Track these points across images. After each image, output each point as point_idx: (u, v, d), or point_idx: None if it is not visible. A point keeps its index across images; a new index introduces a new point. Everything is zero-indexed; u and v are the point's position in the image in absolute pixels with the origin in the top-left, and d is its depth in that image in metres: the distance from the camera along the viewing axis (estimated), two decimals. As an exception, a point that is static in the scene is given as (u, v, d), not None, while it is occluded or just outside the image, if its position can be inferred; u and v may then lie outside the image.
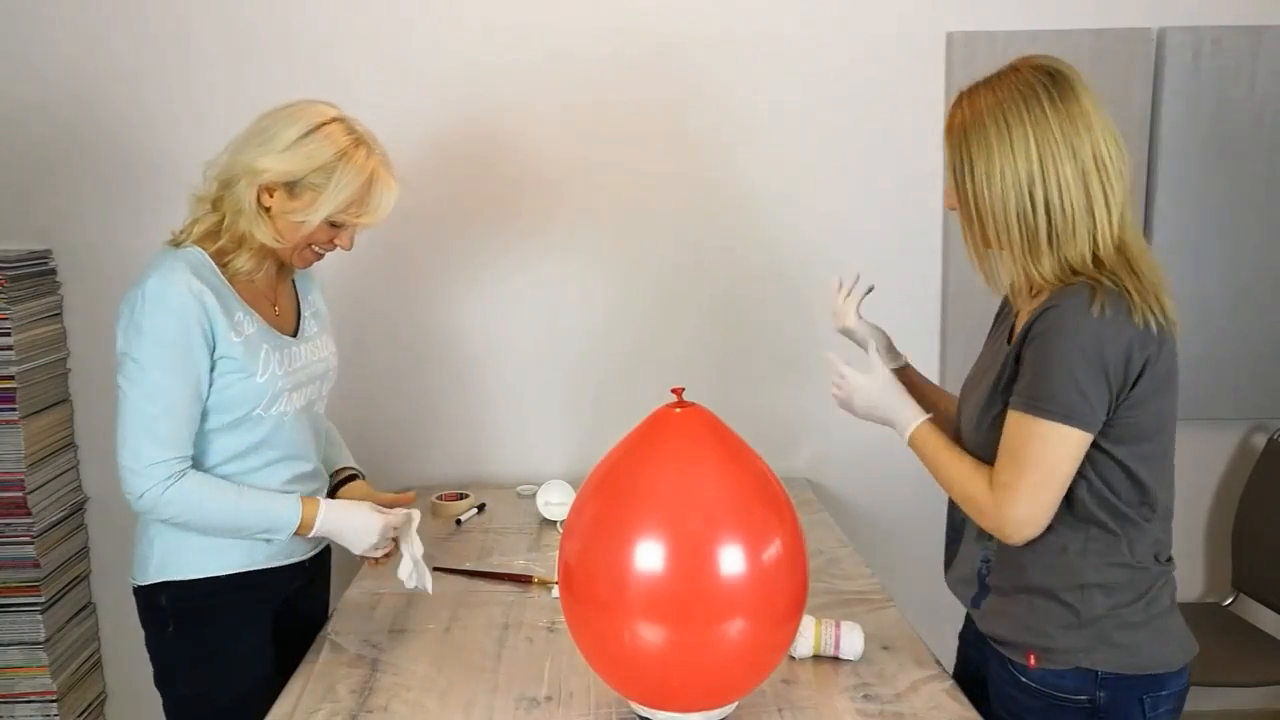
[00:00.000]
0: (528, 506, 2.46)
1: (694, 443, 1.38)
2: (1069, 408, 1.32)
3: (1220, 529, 2.75)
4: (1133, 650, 1.40)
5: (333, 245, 1.72)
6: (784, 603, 1.37)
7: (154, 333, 1.57)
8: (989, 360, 1.55)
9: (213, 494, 1.63)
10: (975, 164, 1.37)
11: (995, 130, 1.36)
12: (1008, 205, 1.36)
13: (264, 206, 1.63)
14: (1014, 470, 1.36)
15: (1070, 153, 1.34)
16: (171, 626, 1.70)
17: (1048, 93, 1.35)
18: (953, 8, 2.54)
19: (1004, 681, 1.49)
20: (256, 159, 1.60)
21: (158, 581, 1.69)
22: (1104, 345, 1.32)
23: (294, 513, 1.67)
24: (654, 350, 2.64)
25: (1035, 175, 1.34)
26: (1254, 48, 2.54)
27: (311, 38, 2.49)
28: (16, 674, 2.44)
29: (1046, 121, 1.34)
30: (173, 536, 1.68)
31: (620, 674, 1.40)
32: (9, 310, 2.34)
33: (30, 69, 2.47)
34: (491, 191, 2.58)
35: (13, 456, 2.37)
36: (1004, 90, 1.37)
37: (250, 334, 1.66)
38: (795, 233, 2.61)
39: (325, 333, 1.88)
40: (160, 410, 1.58)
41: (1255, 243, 2.61)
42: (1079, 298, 1.33)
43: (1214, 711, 2.76)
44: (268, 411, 1.68)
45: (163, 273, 1.60)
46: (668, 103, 2.55)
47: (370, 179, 1.66)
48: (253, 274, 1.68)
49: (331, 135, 1.62)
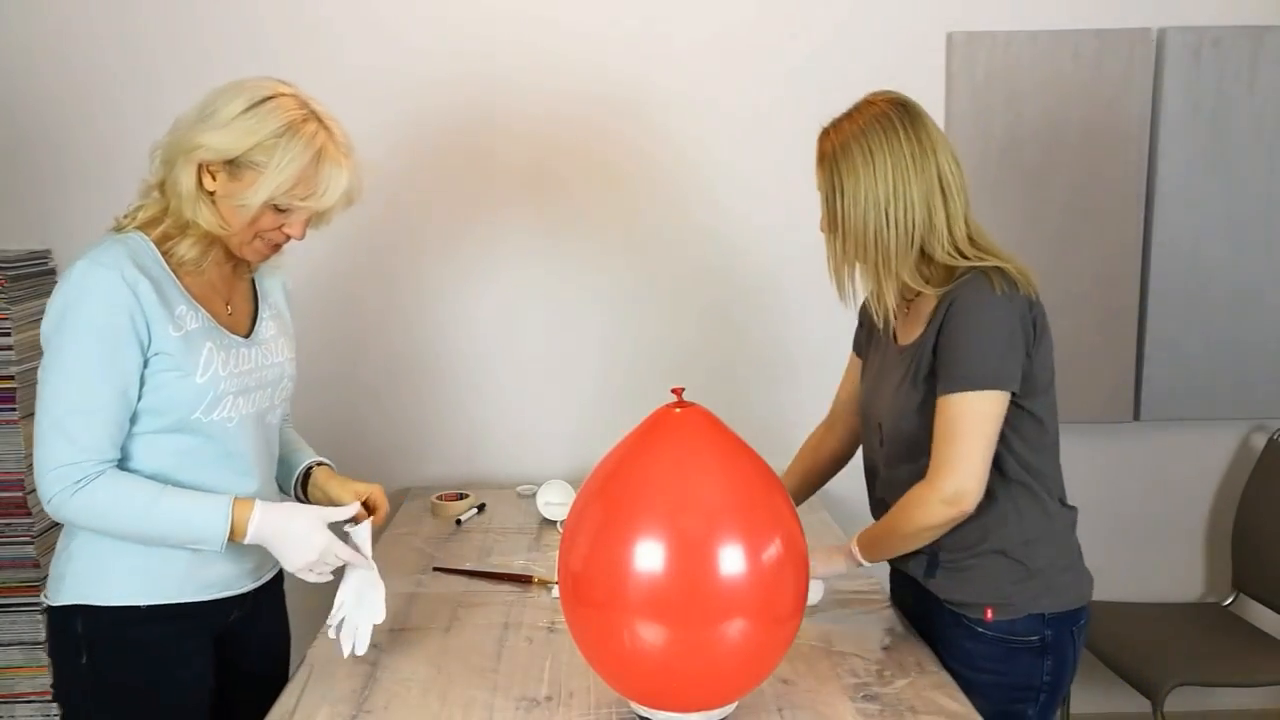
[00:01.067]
0: (528, 506, 2.46)
1: (694, 443, 1.38)
2: (992, 374, 1.49)
3: (1220, 529, 2.75)
4: (1067, 590, 1.61)
5: (283, 235, 1.53)
6: (784, 603, 1.37)
7: (77, 321, 1.42)
8: (884, 362, 1.69)
9: (126, 498, 1.44)
10: (845, 187, 1.54)
11: (861, 157, 1.53)
12: (867, 223, 1.53)
13: (206, 190, 1.47)
14: (952, 446, 1.50)
15: (918, 174, 1.52)
16: (84, 658, 1.50)
17: (900, 121, 1.54)
18: (953, 8, 2.54)
19: (959, 636, 1.63)
20: (194, 135, 1.45)
21: (72, 604, 1.50)
22: (1010, 315, 1.50)
23: (221, 517, 1.46)
24: (654, 350, 2.64)
25: (890, 196, 1.52)
26: (1254, 48, 2.54)
27: (313, 34, 2.49)
28: (16, 674, 2.44)
29: (900, 148, 1.52)
30: (93, 553, 1.50)
31: (620, 674, 1.40)
32: (9, 310, 2.33)
33: (30, 69, 2.47)
34: (494, 191, 2.58)
35: (13, 456, 2.37)
36: (864, 120, 1.55)
37: (192, 329, 1.49)
38: (795, 233, 2.60)
39: (284, 336, 1.68)
40: (74, 406, 1.42)
41: (1255, 243, 2.61)
42: (977, 283, 1.51)
43: (1214, 711, 2.76)
44: (208, 416, 1.50)
45: (95, 256, 1.44)
46: (667, 103, 2.55)
47: (318, 156, 1.46)
48: (198, 263, 1.51)
49: (279, 107, 1.45)
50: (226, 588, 1.59)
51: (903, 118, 1.54)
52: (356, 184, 1.54)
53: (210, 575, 1.56)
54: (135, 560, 1.50)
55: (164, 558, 1.51)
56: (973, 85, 2.56)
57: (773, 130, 2.56)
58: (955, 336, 1.52)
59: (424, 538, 2.28)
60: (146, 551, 1.50)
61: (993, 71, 2.55)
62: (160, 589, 1.52)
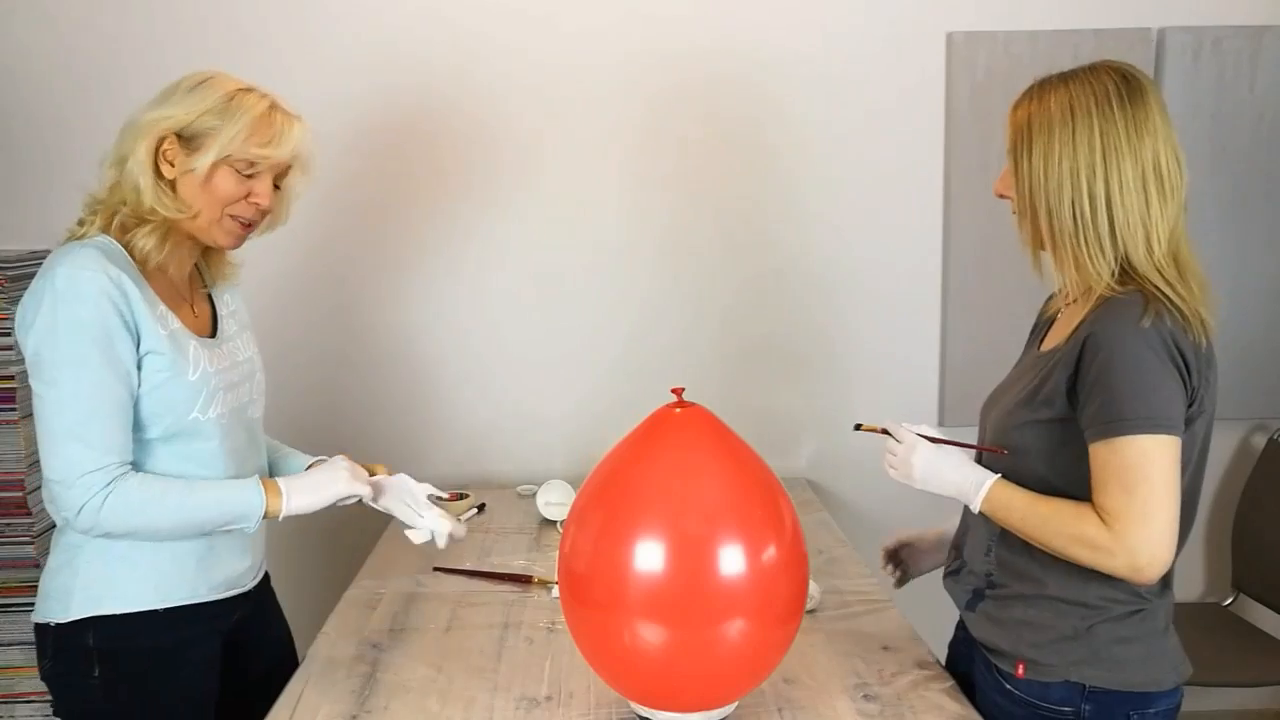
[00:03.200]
0: (528, 506, 2.46)
1: (694, 443, 1.38)
2: (1156, 416, 1.27)
3: (1220, 529, 2.75)
4: (1123, 666, 1.38)
5: (253, 206, 1.53)
6: (784, 603, 1.37)
7: (70, 326, 1.40)
8: (1019, 371, 1.51)
9: (160, 494, 1.45)
10: (1034, 150, 1.36)
11: (1060, 119, 1.34)
12: (1062, 195, 1.34)
13: (165, 179, 1.48)
14: (1124, 497, 1.28)
15: (1133, 154, 1.33)
16: (97, 670, 1.49)
17: (1119, 93, 1.34)
18: (953, 8, 2.54)
19: (990, 687, 1.48)
20: (146, 116, 1.48)
21: (83, 618, 1.49)
22: (1171, 348, 1.29)
23: (256, 493, 1.49)
24: (654, 350, 2.64)
25: (1096, 168, 1.32)
26: (1254, 48, 2.54)
27: (317, 30, 2.49)
28: (16, 674, 2.44)
29: (1114, 119, 1.33)
30: (102, 564, 1.49)
31: (620, 674, 1.40)
32: (9, 310, 2.33)
33: (30, 68, 2.47)
34: (493, 190, 2.58)
35: (13, 456, 2.37)
36: (1076, 85, 1.36)
37: (175, 328, 1.50)
38: (795, 233, 2.61)
39: (247, 331, 1.70)
40: (88, 412, 1.40)
41: (1255, 243, 2.62)
42: (1132, 306, 1.31)
43: (1214, 711, 2.76)
44: (205, 415, 1.51)
45: (73, 259, 1.42)
46: (666, 104, 2.55)
47: (270, 109, 1.50)
48: (159, 254, 1.49)
49: (221, 82, 1.50)
50: (232, 586, 1.61)
51: (1120, 87, 1.34)
52: (310, 145, 1.56)
53: (217, 575, 1.58)
54: (146, 566, 1.51)
55: (174, 560, 1.53)
56: (973, 85, 2.56)
57: (771, 130, 2.56)
58: (1102, 372, 1.31)
59: (424, 538, 2.27)
60: (156, 556, 1.51)
61: (993, 71, 2.55)
62: (174, 591, 1.53)
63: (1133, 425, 1.28)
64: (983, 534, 1.50)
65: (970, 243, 2.61)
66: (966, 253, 2.61)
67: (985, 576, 1.49)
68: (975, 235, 2.60)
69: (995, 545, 1.47)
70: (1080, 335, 1.34)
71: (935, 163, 2.60)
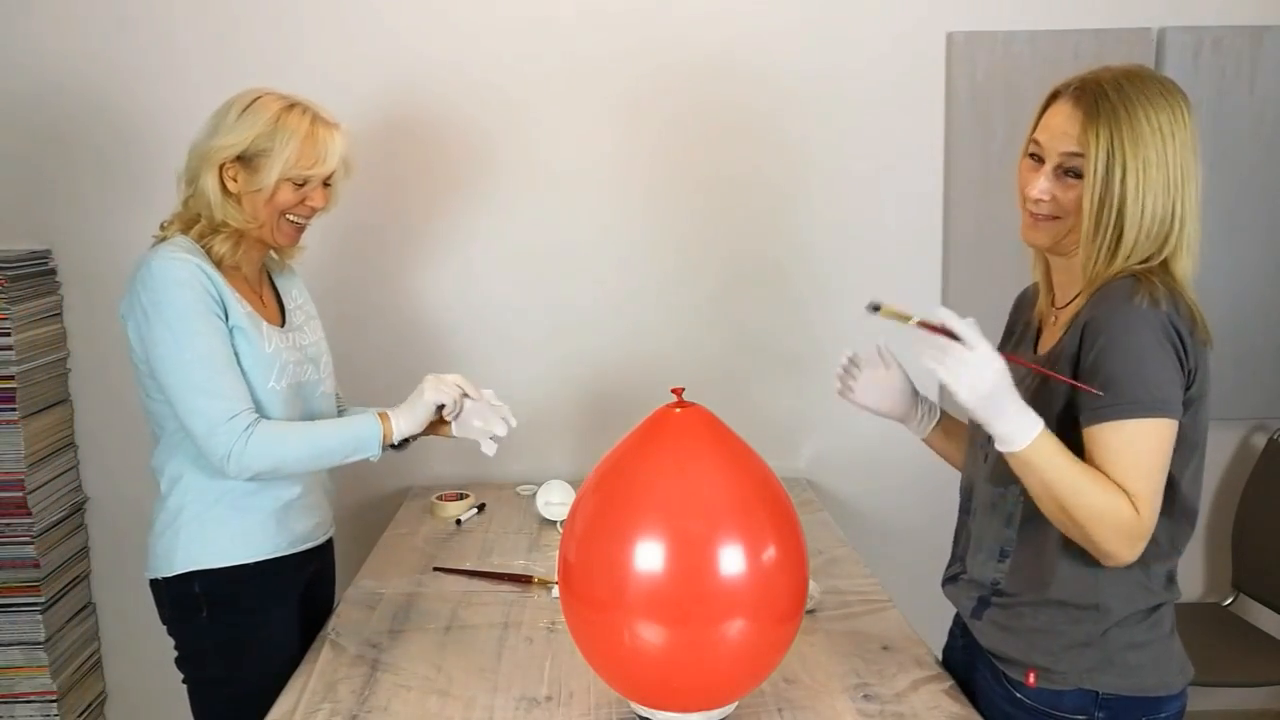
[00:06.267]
0: (528, 506, 2.46)
1: (694, 443, 1.38)
2: (1156, 399, 1.27)
3: (1220, 529, 2.75)
4: (1136, 672, 1.37)
5: (308, 209, 1.76)
6: (784, 603, 1.37)
7: (174, 305, 1.63)
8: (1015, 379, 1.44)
9: (289, 433, 1.69)
10: (1128, 166, 1.31)
11: (1152, 137, 1.32)
12: (1155, 211, 1.31)
13: (230, 193, 1.71)
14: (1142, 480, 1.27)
15: (1196, 171, 1.34)
16: (205, 612, 1.73)
17: (1185, 106, 1.36)
18: (953, 8, 2.54)
19: (997, 696, 1.46)
20: (206, 145, 1.70)
21: (188, 571, 1.73)
22: (1168, 328, 1.28)
23: (373, 420, 1.73)
24: (654, 350, 2.64)
25: (1183, 184, 1.33)
26: (1254, 48, 2.54)
27: (316, 31, 2.49)
28: (16, 674, 2.44)
29: (1188, 138, 1.34)
30: (199, 525, 1.72)
31: (620, 674, 1.40)
32: (9, 310, 2.34)
33: (30, 68, 2.47)
34: (491, 189, 2.58)
35: (13, 456, 2.37)
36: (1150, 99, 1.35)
37: (250, 311, 1.73)
38: (795, 232, 2.61)
39: (313, 320, 1.95)
40: (213, 369, 1.63)
41: (1255, 243, 2.62)
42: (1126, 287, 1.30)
43: (1214, 711, 2.76)
44: (279, 384, 1.73)
45: (163, 253, 1.66)
46: (666, 102, 2.55)
47: (311, 128, 1.71)
48: (233, 256, 1.72)
49: (266, 104, 1.70)
50: (306, 539, 1.84)
51: (1183, 101, 1.36)
52: (350, 148, 1.78)
53: (295, 530, 1.80)
54: (235, 526, 1.74)
55: (259, 520, 1.75)
56: (973, 85, 2.56)
57: (771, 129, 2.56)
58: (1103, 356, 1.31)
59: (424, 538, 2.28)
60: (244, 518, 1.74)
61: (993, 71, 2.55)
62: (260, 547, 1.75)
63: (1139, 408, 1.27)
64: (995, 540, 1.46)
65: (970, 242, 2.61)
66: (966, 253, 2.61)
67: (991, 584, 1.47)
68: (975, 235, 2.60)
69: (1014, 550, 1.43)
70: (1079, 323, 1.34)
71: (935, 162, 2.60)
